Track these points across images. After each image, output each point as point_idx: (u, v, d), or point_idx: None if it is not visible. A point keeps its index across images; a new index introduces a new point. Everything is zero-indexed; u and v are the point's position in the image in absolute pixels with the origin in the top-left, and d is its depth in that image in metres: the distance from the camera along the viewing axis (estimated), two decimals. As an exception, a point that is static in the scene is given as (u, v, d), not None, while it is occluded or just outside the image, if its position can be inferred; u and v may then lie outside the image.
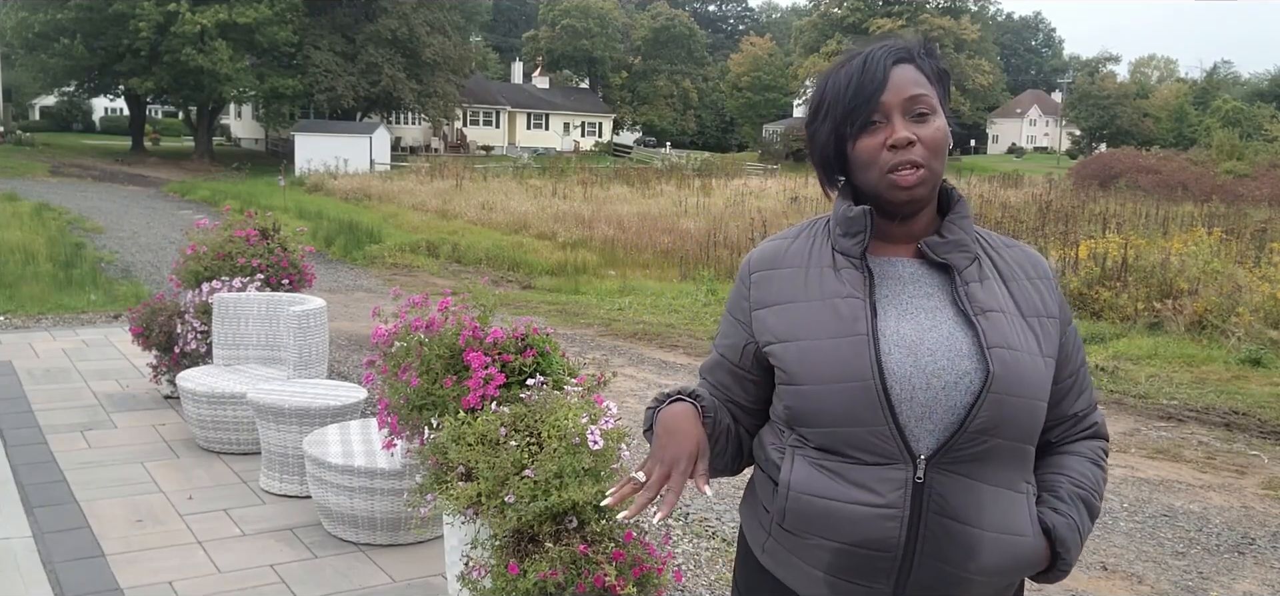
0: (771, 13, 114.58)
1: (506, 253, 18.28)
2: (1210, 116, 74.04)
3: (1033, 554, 1.53)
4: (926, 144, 1.50)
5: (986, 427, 1.46)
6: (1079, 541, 1.57)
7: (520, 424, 3.21)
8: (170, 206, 25.86)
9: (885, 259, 1.57)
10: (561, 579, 2.87)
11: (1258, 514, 5.50)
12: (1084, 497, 1.60)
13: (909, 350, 1.48)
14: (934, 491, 1.46)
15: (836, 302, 1.53)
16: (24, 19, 39.32)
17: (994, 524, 1.49)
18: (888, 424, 1.46)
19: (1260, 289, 10.56)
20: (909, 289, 1.54)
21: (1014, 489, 1.52)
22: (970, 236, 1.58)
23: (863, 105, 1.51)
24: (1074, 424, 1.65)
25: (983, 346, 1.47)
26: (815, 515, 1.52)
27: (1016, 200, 26.94)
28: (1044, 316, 1.56)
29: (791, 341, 1.55)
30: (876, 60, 1.52)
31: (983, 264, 1.57)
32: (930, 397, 1.46)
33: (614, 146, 66.72)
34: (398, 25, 46.45)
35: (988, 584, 1.52)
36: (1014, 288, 1.57)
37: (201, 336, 6.28)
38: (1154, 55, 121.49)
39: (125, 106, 51.26)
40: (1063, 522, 1.55)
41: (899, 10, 67.02)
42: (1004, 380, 1.46)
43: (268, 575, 4.05)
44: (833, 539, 1.50)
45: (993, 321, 1.50)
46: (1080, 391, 1.65)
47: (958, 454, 1.46)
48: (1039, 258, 1.65)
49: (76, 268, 13.18)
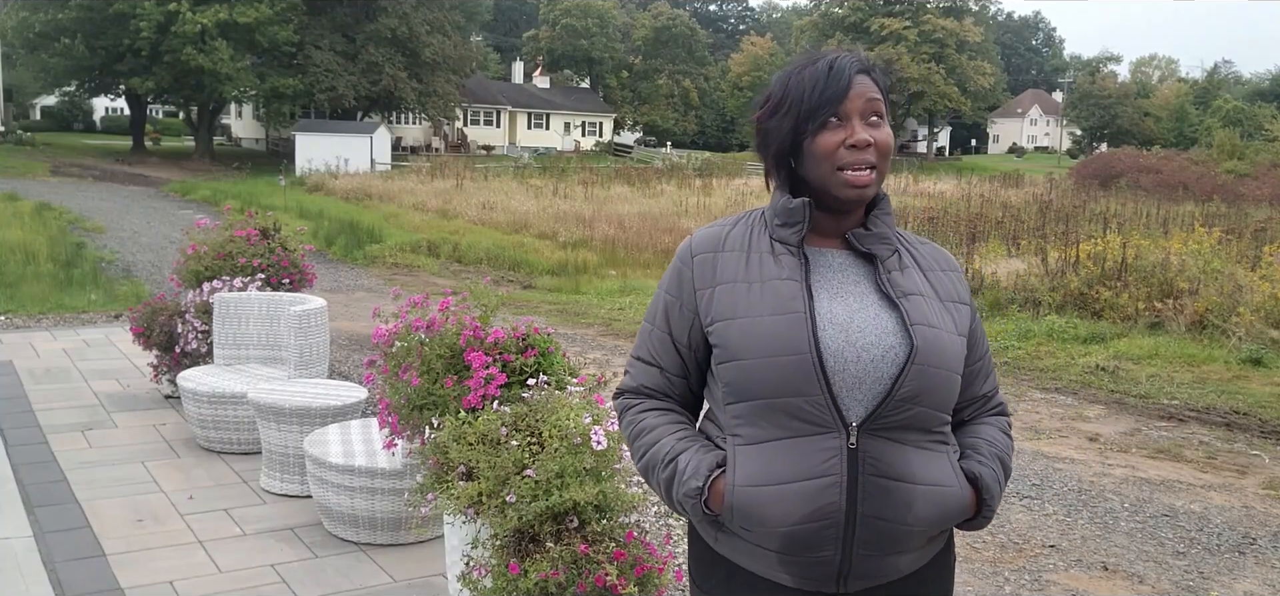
0: (772, 12, 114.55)
1: (507, 252, 18.28)
2: (1211, 116, 73.98)
3: (961, 501, 1.70)
4: (879, 148, 1.67)
5: (911, 396, 1.62)
6: (999, 490, 1.75)
7: (521, 423, 3.21)
8: (171, 206, 25.87)
9: (816, 249, 1.73)
10: (562, 579, 2.87)
11: (1259, 514, 5.50)
12: (999, 455, 1.78)
13: (841, 328, 1.64)
14: (867, 455, 1.61)
15: (776, 285, 1.66)
16: (25, 19, 39.30)
17: (925, 478, 1.65)
18: (823, 394, 1.60)
19: (1261, 288, 10.55)
20: (839, 275, 1.71)
21: (936, 449, 1.69)
22: (892, 231, 1.76)
23: (827, 105, 1.65)
24: (984, 403, 1.85)
25: (907, 324, 1.64)
26: (762, 505, 1.62)
27: (1017, 200, 26.94)
28: (958, 303, 1.76)
29: (733, 320, 1.67)
30: (844, 66, 1.67)
31: (903, 255, 1.75)
32: (860, 370, 1.62)
33: (614, 146, 66.70)
34: (398, 25, 46.43)
35: (924, 533, 1.68)
36: (931, 277, 1.75)
37: (202, 336, 6.28)
38: (1155, 55, 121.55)
39: (126, 106, 51.23)
40: (986, 472, 1.73)
41: (900, 10, 66.91)
42: (926, 353, 1.63)
43: (268, 575, 4.05)
44: (782, 524, 1.62)
45: (914, 303, 1.68)
46: (987, 375, 1.85)
47: (886, 420, 1.62)
48: (949, 255, 1.84)
49: (77, 267, 13.18)
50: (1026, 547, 4.87)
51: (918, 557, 1.71)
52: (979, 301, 11.83)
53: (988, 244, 15.93)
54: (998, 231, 18.01)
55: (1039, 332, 10.53)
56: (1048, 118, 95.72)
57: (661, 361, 1.81)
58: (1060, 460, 6.43)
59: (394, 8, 46.49)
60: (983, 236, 16.85)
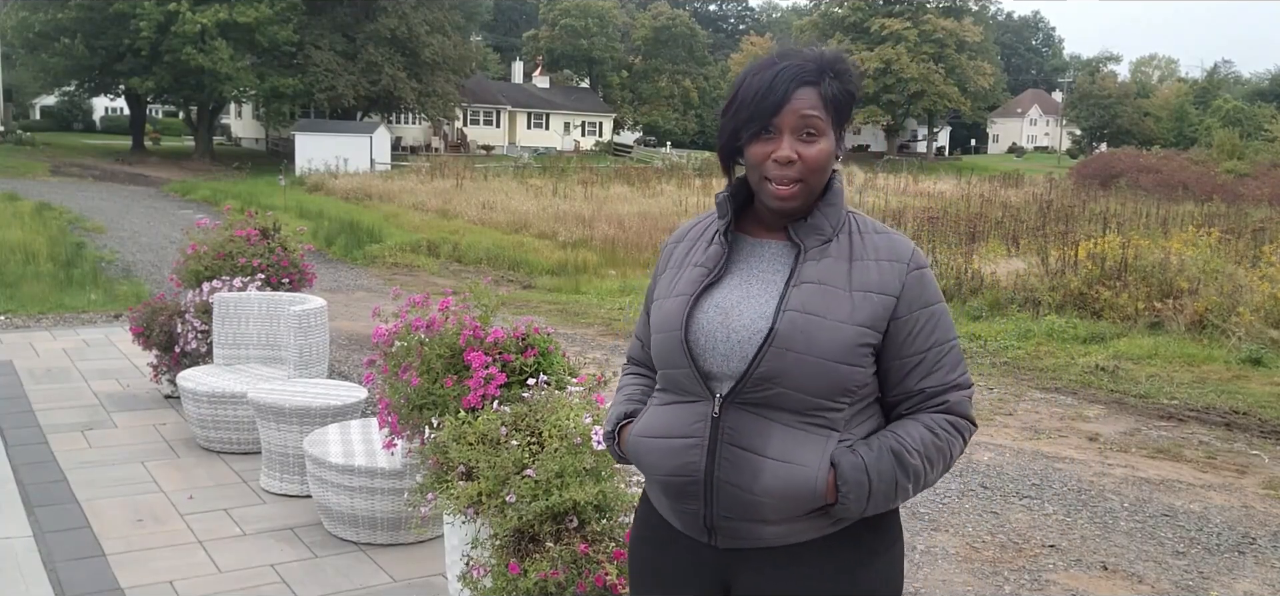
0: (772, 12, 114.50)
1: (507, 252, 18.28)
2: (1211, 116, 73.93)
3: (811, 483, 1.72)
4: (807, 162, 1.74)
5: (769, 375, 1.71)
6: (865, 480, 1.72)
7: (521, 423, 3.21)
8: (171, 206, 25.87)
9: (757, 240, 1.85)
10: (562, 578, 2.87)
11: (1258, 513, 5.50)
12: (895, 448, 1.75)
13: (722, 311, 1.78)
14: (727, 424, 1.75)
15: (689, 270, 1.86)
16: (25, 18, 39.28)
17: (778, 454, 1.73)
18: (690, 367, 1.77)
19: (1260, 288, 10.55)
20: (762, 264, 1.82)
21: (809, 431, 1.74)
22: (832, 222, 1.80)
23: (760, 117, 1.74)
24: (921, 398, 1.80)
25: (780, 309, 1.73)
26: (644, 453, 1.87)
27: (1017, 200, 26.94)
28: (872, 292, 1.76)
29: (659, 301, 1.90)
30: (784, 78, 1.73)
31: (836, 244, 1.79)
32: (729, 349, 1.75)
33: (614, 146, 66.67)
34: (397, 25, 46.40)
35: (774, 507, 1.74)
36: (856, 265, 1.78)
37: (202, 336, 6.28)
38: (1155, 55, 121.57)
39: (126, 106, 51.21)
40: (850, 459, 1.73)
41: (900, 10, 66.86)
42: (786, 337, 1.70)
43: (268, 574, 4.05)
44: (659, 472, 1.84)
45: (804, 291, 1.74)
46: (930, 371, 1.79)
47: (748, 396, 1.74)
48: (902, 247, 1.82)
49: (77, 267, 13.18)
50: (1026, 547, 4.87)
51: (787, 531, 1.77)
52: (978, 301, 11.84)
53: (987, 244, 15.93)
54: (997, 231, 18.00)
55: (1039, 332, 10.53)
56: (1047, 117, 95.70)
57: (642, 336, 2.06)
58: (1060, 460, 6.43)
59: (394, 8, 46.46)
60: (982, 236, 16.84)
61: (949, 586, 4.36)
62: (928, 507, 5.37)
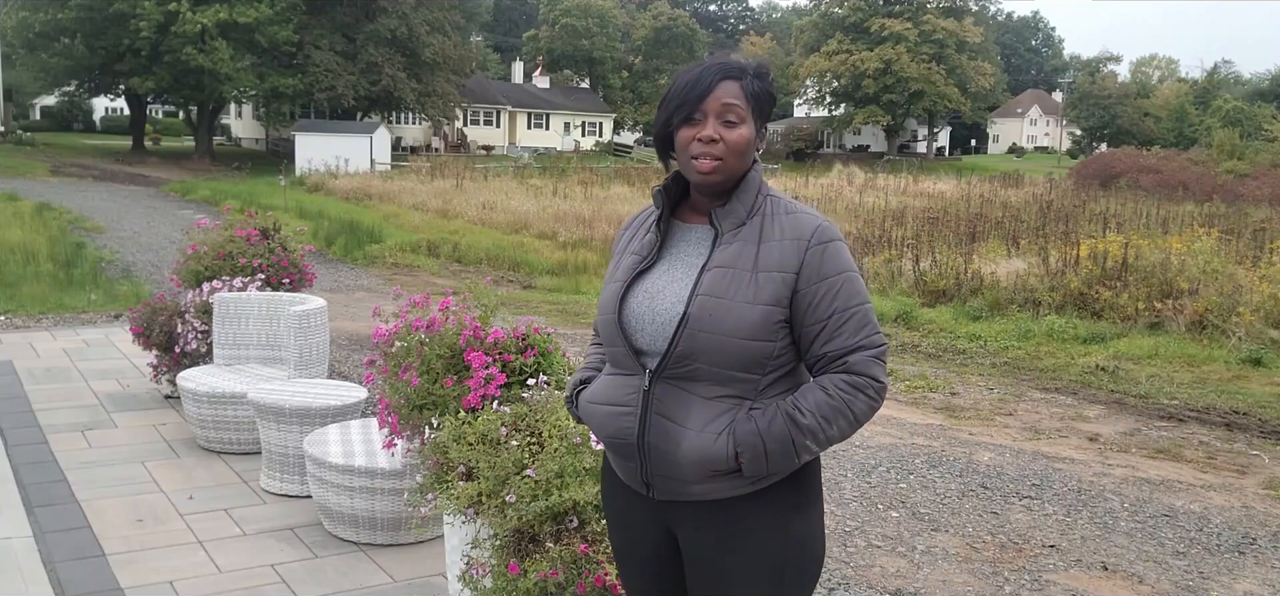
0: (772, 12, 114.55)
1: (507, 252, 18.28)
2: (1211, 116, 73.87)
3: (723, 449, 1.92)
4: (728, 144, 1.95)
5: (686, 354, 1.92)
6: (759, 441, 1.90)
7: (521, 423, 3.21)
8: (171, 206, 25.87)
9: (689, 225, 2.07)
10: (562, 578, 2.87)
11: (1258, 514, 5.50)
12: (789, 412, 1.92)
13: (649, 295, 2.00)
14: (655, 396, 1.98)
15: (626, 258, 2.10)
16: (25, 19, 39.31)
17: (695, 424, 1.94)
18: (624, 345, 2.00)
19: (1261, 288, 10.55)
20: (688, 249, 2.03)
21: (723, 401, 1.94)
22: (746, 206, 1.99)
23: (689, 103, 1.95)
24: (825, 362, 1.96)
25: (692, 294, 1.93)
26: (591, 417, 2.13)
27: (1017, 200, 26.95)
28: (774, 271, 1.93)
29: (605, 285, 2.12)
30: (710, 73, 1.96)
31: (748, 227, 1.97)
32: (655, 330, 1.97)
33: (614, 146, 66.70)
34: (397, 25, 46.42)
35: (693, 469, 1.95)
36: (763, 246, 1.95)
37: (202, 336, 6.28)
38: (1154, 55, 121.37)
39: (126, 106, 51.23)
40: (745, 426, 1.92)
41: (900, 10, 66.83)
42: (697, 320, 1.91)
43: (268, 575, 4.05)
44: (603, 434, 2.09)
45: (712, 275, 1.94)
46: (831, 337, 1.94)
47: (672, 372, 1.95)
48: (806, 225, 1.97)
49: (77, 267, 13.18)
50: (1026, 547, 4.87)
51: (709, 489, 1.97)
52: (979, 301, 11.84)
53: (987, 244, 15.93)
54: (998, 231, 18.00)
55: (1039, 333, 10.54)
56: (1047, 118, 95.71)
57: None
58: (1060, 460, 6.43)
59: (394, 8, 46.48)
60: (983, 236, 16.84)
61: (949, 586, 4.36)
62: (928, 507, 5.37)
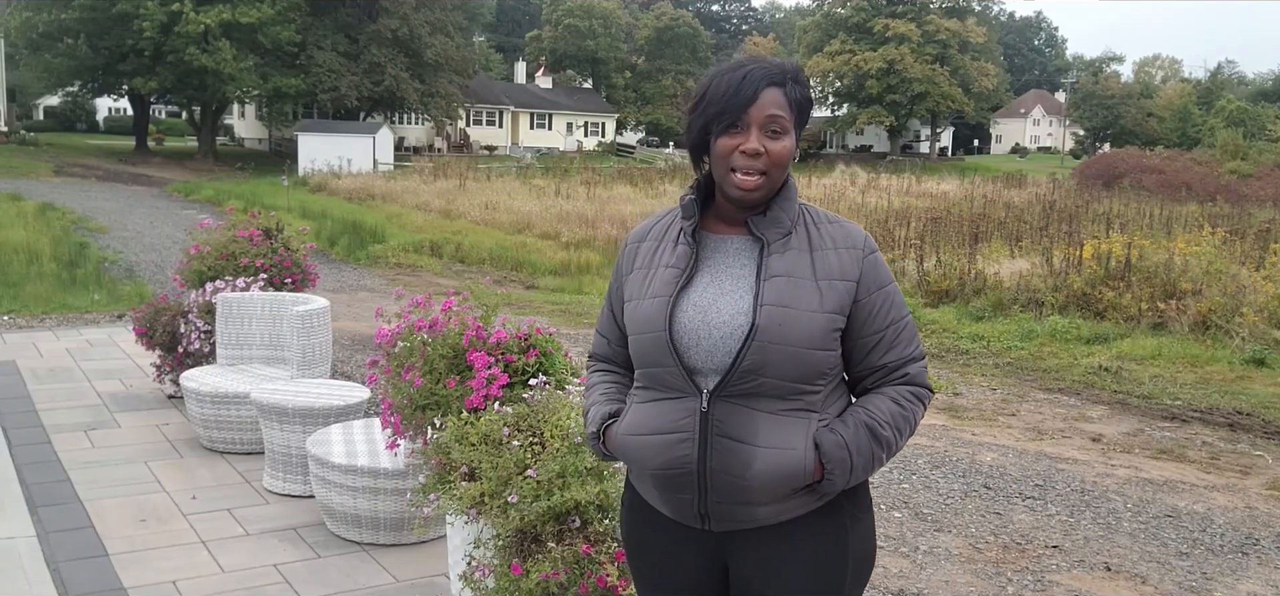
0: (775, 12, 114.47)
1: (510, 252, 18.28)
2: (1214, 116, 73.72)
3: (801, 463, 1.84)
4: (772, 157, 1.85)
5: (754, 368, 1.82)
6: (847, 456, 1.85)
7: (523, 424, 3.21)
8: (174, 206, 25.90)
9: (720, 236, 1.95)
10: (564, 578, 2.87)
11: (1262, 514, 5.49)
12: (868, 423, 1.89)
13: (701, 309, 1.87)
14: (716, 418, 1.85)
15: (662, 271, 1.94)
16: (28, 19, 39.33)
17: (767, 441, 1.84)
18: (676, 365, 1.86)
19: (1264, 289, 10.53)
20: (729, 260, 1.92)
21: (792, 416, 1.86)
22: (789, 215, 1.91)
23: (732, 111, 1.84)
24: (884, 373, 1.94)
25: (757, 304, 1.83)
26: (633, 449, 1.95)
27: (1020, 200, 26.92)
28: (836, 279, 1.88)
29: (631, 302, 1.97)
30: (754, 79, 1.85)
31: (796, 236, 1.90)
32: (712, 345, 1.85)
33: (617, 146, 66.67)
34: (400, 25, 46.44)
35: (766, 490, 1.85)
36: (817, 256, 1.89)
37: (205, 336, 6.29)
38: (1158, 55, 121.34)
39: (129, 106, 51.22)
40: (831, 439, 1.86)
41: (903, 11, 66.77)
42: (767, 331, 1.81)
43: (271, 575, 4.06)
44: (651, 466, 1.92)
45: (775, 284, 1.85)
46: (890, 347, 1.93)
47: (734, 388, 1.84)
48: (856, 234, 1.94)
49: (80, 267, 13.19)
50: (1029, 548, 4.86)
51: (778, 510, 1.89)
52: (982, 302, 11.82)
53: (991, 244, 15.91)
54: (1001, 231, 17.98)
55: (1042, 333, 10.52)
56: (1051, 118, 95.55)
57: (607, 333, 2.14)
58: (1063, 460, 6.42)
59: (396, 8, 46.51)
60: (986, 237, 16.82)
61: (952, 587, 4.36)
62: (931, 508, 5.37)
